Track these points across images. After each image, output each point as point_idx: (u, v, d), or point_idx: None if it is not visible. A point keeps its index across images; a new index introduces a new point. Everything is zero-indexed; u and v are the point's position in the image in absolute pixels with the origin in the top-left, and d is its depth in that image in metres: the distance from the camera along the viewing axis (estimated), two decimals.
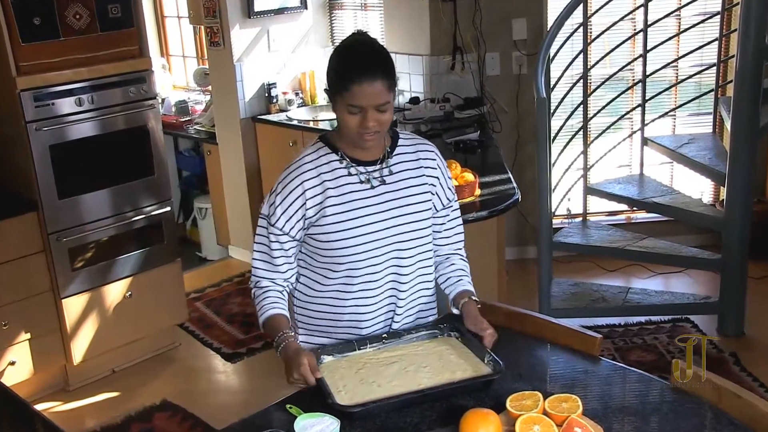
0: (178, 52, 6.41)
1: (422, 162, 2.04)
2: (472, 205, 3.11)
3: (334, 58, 1.94)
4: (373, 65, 1.86)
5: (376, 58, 1.89)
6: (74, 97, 3.58)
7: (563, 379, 1.92)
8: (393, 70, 1.89)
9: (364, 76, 1.84)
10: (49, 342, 3.69)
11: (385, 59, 1.90)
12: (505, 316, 2.14)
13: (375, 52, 1.91)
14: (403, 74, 4.76)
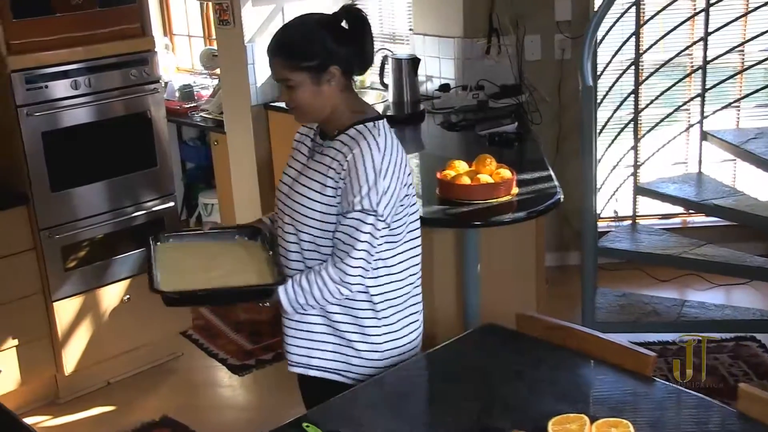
0: (183, 31, 6.45)
1: (343, 157, 2.15)
2: (509, 205, 3.10)
3: None
4: (272, 42, 2.15)
5: (277, 35, 2.16)
6: (70, 80, 3.61)
7: (611, 401, 1.91)
8: (291, 48, 2.11)
9: (269, 51, 2.17)
10: (38, 349, 3.72)
11: (284, 36, 2.13)
12: (545, 328, 2.14)
13: (282, 29, 2.17)
14: (432, 58, 4.76)
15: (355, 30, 2.16)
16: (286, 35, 2.14)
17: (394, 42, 5.11)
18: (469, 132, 4.14)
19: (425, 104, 4.63)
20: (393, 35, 5.13)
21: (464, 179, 3.13)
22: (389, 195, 2.12)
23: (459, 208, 3.08)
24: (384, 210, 2.12)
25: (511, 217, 3.03)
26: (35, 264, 3.64)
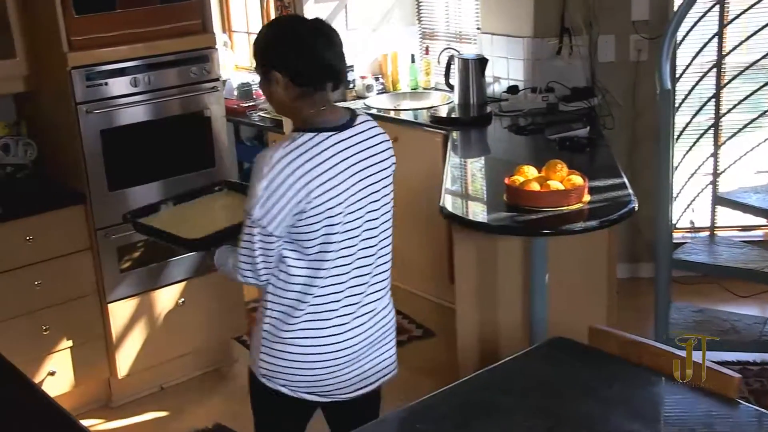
0: (242, 27, 6.53)
1: None
2: (580, 214, 3.07)
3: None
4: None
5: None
6: (129, 77, 3.68)
7: (690, 423, 1.88)
8: (254, 45, 2.31)
9: None
10: (92, 351, 3.80)
11: (258, 33, 2.33)
12: (618, 343, 2.11)
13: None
14: (500, 59, 4.74)
15: (310, 42, 2.22)
16: (259, 32, 2.33)
17: (460, 41, 5.10)
18: (538, 136, 4.13)
19: (492, 107, 4.61)
20: (459, 34, 5.13)
21: (533, 185, 3.11)
22: (270, 205, 2.18)
23: (527, 215, 3.07)
24: (260, 216, 2.20)
25: (582, 226, 3.01)
26: (91, 264, 3.72)
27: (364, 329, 2.39)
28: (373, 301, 2.42)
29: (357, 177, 2.28)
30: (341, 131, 2.27)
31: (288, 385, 2.37)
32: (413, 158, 4.62)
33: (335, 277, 2.31)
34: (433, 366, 4.14)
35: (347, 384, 2.41)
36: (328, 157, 2.23)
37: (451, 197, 3.42)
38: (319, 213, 2.23)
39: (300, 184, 2.19)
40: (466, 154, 4.22)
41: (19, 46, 3.63)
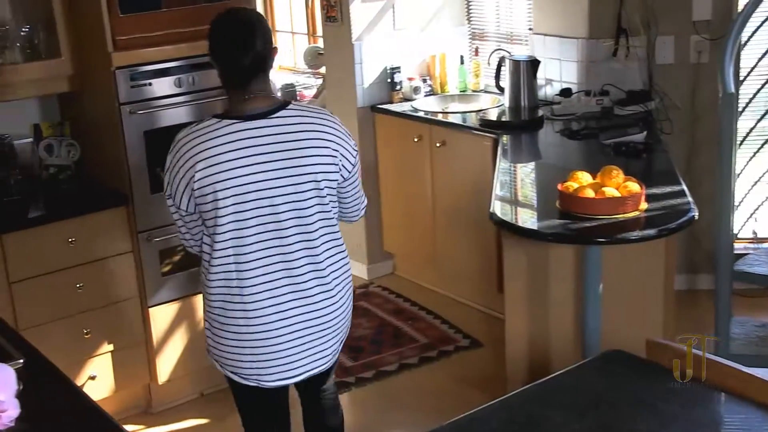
0: (286, 27, 6.58)
1: None
2: (636, 222, 3.05)
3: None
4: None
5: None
6: (173, 77, 3.73)
7: None
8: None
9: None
10: (133, 356, 3.85)
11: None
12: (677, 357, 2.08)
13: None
14: (552, 61, 4.72)
15: (223, 44, 2.53)
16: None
17: (511, 42, 5.09)
18: (592, 141, 4.10)
19: (544, 110, 4.59)
20: (510, 35, 5.11)
21: (588, 192, 3.09)
22: (171, 180, 2.52)
23: (581, 222, 3.05)
24: (168, 192, 2.55)
25: (639, 235, 2.98)
26: (132, 267, 3.77)
27: (276, 320, 2.55)
28: (295, 298, 2.56)
29: (256, 166, 2.47)
30: (249, 120, 2.49)
31: (222, 363, 2.66)
32: (461, 163, 4.61)
33: (231, 263, 2.52)
34: (480, 378, 4.13)
35: (266, 372, 2.59)
36: (223, 143, 2.46)
37: (501, 203, 3.40)
38: (206, 194, 2.47)
39: (189, 164, 2.46)
40: (516, 158, 4.20)
41: (64, 46, 3.69)
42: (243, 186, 2.47)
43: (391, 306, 4.95)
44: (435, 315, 4.78)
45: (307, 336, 2.61)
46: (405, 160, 4.97)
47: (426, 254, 5.03)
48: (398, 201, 5.12)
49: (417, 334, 4.59)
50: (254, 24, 2.52)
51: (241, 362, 2.61)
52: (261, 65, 2.51)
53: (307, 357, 2.63)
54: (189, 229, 2.62)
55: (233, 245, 2.52)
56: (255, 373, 2.61)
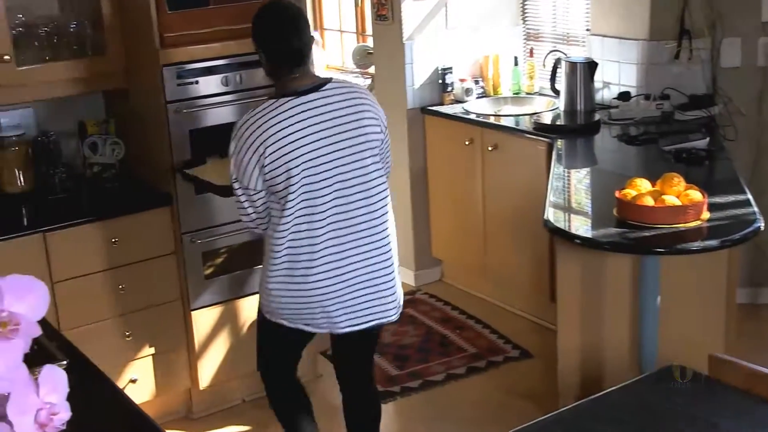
0: (335, 25, 6.60)
1: None
2: (698, 232, 3.01)
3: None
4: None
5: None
6: (220, 76, 3.75)
7: None
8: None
9: None
10: (174, 360, 3.88)
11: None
12: (744, 375, 2.04)
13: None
14: (610, 63, 4.68)
15: (274, 30, 2.89)
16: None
17: (568, 43, 5.05)
18: (651, 147, 4.06)
19: (601, 114, 4.55)
20: (567, 36, 5.07)
21: (647, 200, 3.07)
22: (238, 162, 2.83)
23: (639, 231, 3.03)
24: (235, 174, 2.87)
25: (700, 246, 2.95)
26: (175, 269, 3.80)
27: (341, 274, 2.90)
28: (358, 252, 2.91)
29: (320, 133, 2.82)
30: (303, 95, 2.84)
31: (287, 318, 2.97)
32: (514, 167, 4.59)
33: (303, 225, 2.85)
34: (530, 390, 4.10)
35: (335, 321, 2.94)
36: (286, 118, 2.80)
37: (555, 210, 3.38)
38: (278, 167, 2.79)
39: (257, 143, 2.79)
40: (571, 164, 4.17)
41: (111, 43, 3.74)
42: (311, 153, 2.81)
43: (438, 314, 4.93)
44: (484, 324, 4.76)
45: (372, 287, 2.96)
46: (455, 164, 4.95)
47: (476, 261, 5.01)
48: (448, 206, 5.11)
49: (465, 344, 4.57)
50: (298, 12, 2.94)
51: (311, 313, 2.94)
52: (306, 49, 2.91)
53: (373, 306, 2.98)
54: (256, 208, 2.90)
55: (305, 212, 2.84)
56: (326, 322, 2.95)
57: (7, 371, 1.12)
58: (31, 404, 1.15)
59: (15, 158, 3.79)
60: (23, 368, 1.15)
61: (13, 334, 1.12)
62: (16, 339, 1.12)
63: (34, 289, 1.18)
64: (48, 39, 3.73)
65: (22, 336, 1.13)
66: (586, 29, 4.87)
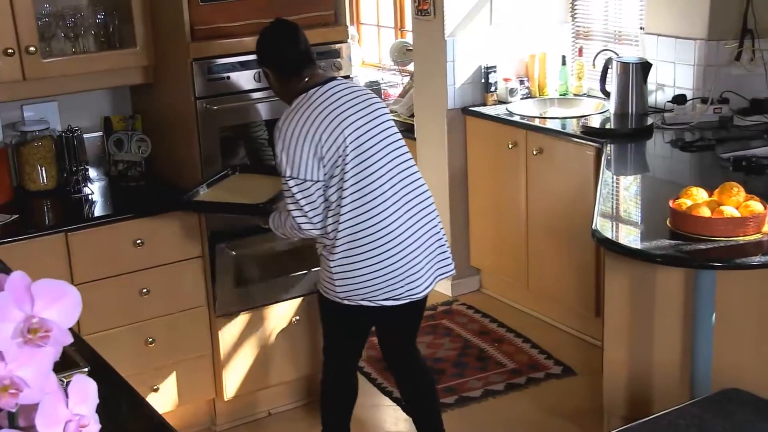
0: (372, 20, 6.61)
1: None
2: (758, 246, 2.98)
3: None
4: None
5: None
6: (252, 71, 3.76)
7: None
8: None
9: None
10: (198, 369, 3.90)
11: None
12: None
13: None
14: (665, 63, 4.65)
15: (279, 44, 3.26)
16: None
17: (620, 42, 5.03)
18: (708, 154, 4.04)
19: (654, 118, 4.53)
20: (619, 34, 5.05)
21: (703, 210, 3.04)
22: (291, 156, 3.08)
23: (695, 244, 3.00)
24: (288, 170, 3.09)
25: (761, 260, 2.92)
26: (202, 274, 3.82)
27: (410, 236, 3.19)
28: (416, 213, 3.21)
29: (356, 109, 3.15)
30: (325, 84, 3.19)
31: (366, 297, 3.18)
32: (560, 173, 4.57)
33: (362, 201, 3.11)
34: (573, 409, 4.09)
35: (415, 284, 3.22)
36: (323, 102, 3.13)
37: (603, 219, 3.36)
38: (335, 147, 3.08)
39: (311, 130, 3.08)
40: (621, 170, 4.15)
41: (140, 35, 3.76)
42: (357, 129, 3.12)
43: (476, 326, 4.92)
44: (524, 338, 4.75)
45: (435, 244, 3.29)
46: (497, 168, 4.94)
47: (517, 271, 4.99)
48: (488, 212, 5.09)
49: (504, 359, 4.55)
50: (295, 26, 3.30)
51: (390, 285, 3.18)
52: (311, 53, 3.28)
53: (439, 261, 3.32)
54: (312, 202, 3.11)
55: (362, 186, 3.11)
56: (406, 290, 3.20)
57: (36, 380, 1.12)
58: (60, 416, 1.16)
59: (38, 154, 3.84)
60: (53, 377, 1.16)
61: (43, 341, 1.13)
62: (46, 347, 1.13)
63: (66, 295, 1.19)
64: (74, 31, 3.77)
65: (52, 344, 1.14)
66: (640, 27, 4.84)
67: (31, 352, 1.14)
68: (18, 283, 1.14)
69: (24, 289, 1.14)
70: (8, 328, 1.13)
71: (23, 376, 1.14)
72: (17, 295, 1.14)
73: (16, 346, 1.13)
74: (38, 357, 1.14)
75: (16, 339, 1.13)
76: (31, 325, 1.14)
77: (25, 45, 3.52)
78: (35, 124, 3.88)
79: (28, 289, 1.15)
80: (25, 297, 1.14)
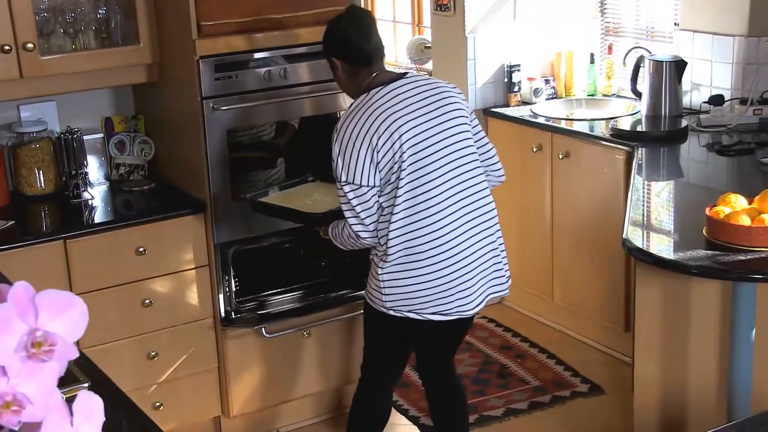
0: (388, 15, 6.62)
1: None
2: None
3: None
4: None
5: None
6: (263, 70, 3.77)
7: None
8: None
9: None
10: (204, 384, 3.91)
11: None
12: None
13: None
14: (701, 62, 4.65)
15: (350, 34, 3.25)
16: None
17: (652, 39, 5.03)
18: (747, 158, 4.04)
19: (689, 120, 4.52)
20: (651, 31, 5.04)
21: (743, 219, 3.03)
22: (347, 160, 3.10)
23: (733, 255, 2.99)
24: (343, 174, 3.11)
25: None
26: (208, 284, 3.83)
27: (466, 250, 3.17)
28: (473, 226, 3.19)
29: (417, 113, 3.13)
30: (390, 84, 3.17)
31: (413, 309, 3.18)
32: (587, 178, 4.57)
33: (418, 209, 3.10)
34: (600, 429, 4.09)
35: (467, 300, 3.19)
36: (383, 105, 3.12)
37: (634, 228, 3.36)
38: (392, 152, 3.08)
39: (368, 134, 3.09)
40: (654, 176, 4.14)
41: (144, 31, 3.77)
42: (417, 135, 3.11)
43: (497, 341, 4.92)
44: (549, 354, 4.74)
45: (491, 260, 3.26)
46: (521, 173, 4.94)
47: (541, 283, 4.99)
48: (510, 219, 5.09)
49: (527, 375, 4.55)
50: (370, 15, 3.40)
51: (440, 299, 3.17)
52: (383, 46, 3.30)
53: (494, 279, 3.29)
54: (368, 208, 3.13)
55: (419, 194, 3.11)
56: (456, 305, 3.19)
57: (40, 397, 1.13)
58: None
59: (35, 156, 3.86)
60: (58, 394, 1.17)
61: (48, 355, 1.13)
62: (51, 361, 1.14)
63: (72, 306, 1.19)
64: (74, 26, 3.78)
65: (57, 358, 1.14)
66: (674, 23, 4.84)
67: (35, 366, 1.14)
68: (22, 294, 1.15)
69: (28, 300, 1.15)
70: (11, 341, 1.13)
71: (26, 393, 1.14)
72: (21, 307, 1.14)
73: (19, 361, 1.13)
74: (42, 372, 1.14)
75: (19, 353, 1.14)
76: (35, 338, 1.14)
77: (23, 41, 3.53)
78: (33, 125, 3.91)
79: (32, 300, 1.15)
80: (29, 308, 1.15)
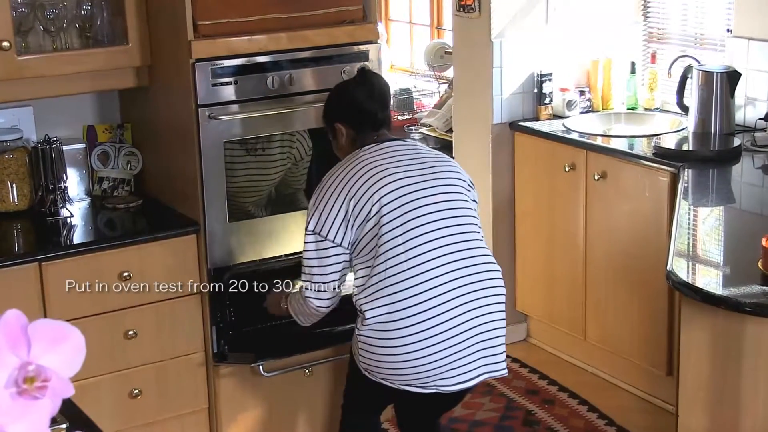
0: (404, 16, 6.66)
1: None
2: None
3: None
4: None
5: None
6: (265, 75, 3.79)
7: None
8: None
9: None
10: (192, 427, 3.92)
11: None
12: None
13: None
14: (757, 73, 4.66)
15: (357, 98, 3.44)
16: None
17: (701, 47, 5.04)
18: None
19: (742, 138, 4.53)
20: (700, 38, 5.06)
21: None
22: (320, 212, 3.26)
23: None
24: (312, 225, 3.28)
25: None
26: (199, 314, 3.84)
27: (447, 327, 3.19)
28: (467, 301, 3.22)
29: (411, 178, 3.25)
30: (384, 142, 3.35)
31: (387, 378, 3.25)
32: (626, 202, 4.58)
33: (400, 273, 3.17)
34: None
35: (445, 378, 3.22)
36: (371, 161, 3.28)
37: (680, 259, 3.37)
38: (370, 209, 3.19)
39: (346, 188, 3.23)
40: (702, 200, 4.15)
41: (133, 30, 3.79)
42: (406, 195, 3.21)
43: (522, 383, 4.92)
44: (580, 399, 4.74)
45: (483, 337, 3.27)
46: (551, 195, 4.96)
47: (572, 319, 4.99)
48: (539, 247, 5.10)
49: (556, 423, 4.55)
50: (387, 83, 3.59)
51: (417, 373, 3.23)
52: (390, 117, 3.54)
53: (484, 358, 3.28)
54: (324, 266, 3.29)
55: (401, 257, 3.18)
56: (434, 381, 3.24)
57: None
58: None
59: (8, 168, 3.87)
60: None
61: (40, 392, 1.15)
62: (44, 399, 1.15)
63: (68, 338, 1.21)
64: (55, 24, 3.79)
65: (51, 395, 1.16)
66: (727, 30, 4.85)
67: (27, 405, 1.16)
68: (13, 324, 1.16)
69: (20, 330, 1.16)
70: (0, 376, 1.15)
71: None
72: (11, 338, 1.16)
73: (9, 398, 1.15)
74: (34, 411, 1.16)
75: (9, 389, 1.15)
76: (27, 372, 1.16)
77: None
78: (6, 133, 3.92)
79: (24, 331, 1.17)
80: (21, 340, 1.16)
